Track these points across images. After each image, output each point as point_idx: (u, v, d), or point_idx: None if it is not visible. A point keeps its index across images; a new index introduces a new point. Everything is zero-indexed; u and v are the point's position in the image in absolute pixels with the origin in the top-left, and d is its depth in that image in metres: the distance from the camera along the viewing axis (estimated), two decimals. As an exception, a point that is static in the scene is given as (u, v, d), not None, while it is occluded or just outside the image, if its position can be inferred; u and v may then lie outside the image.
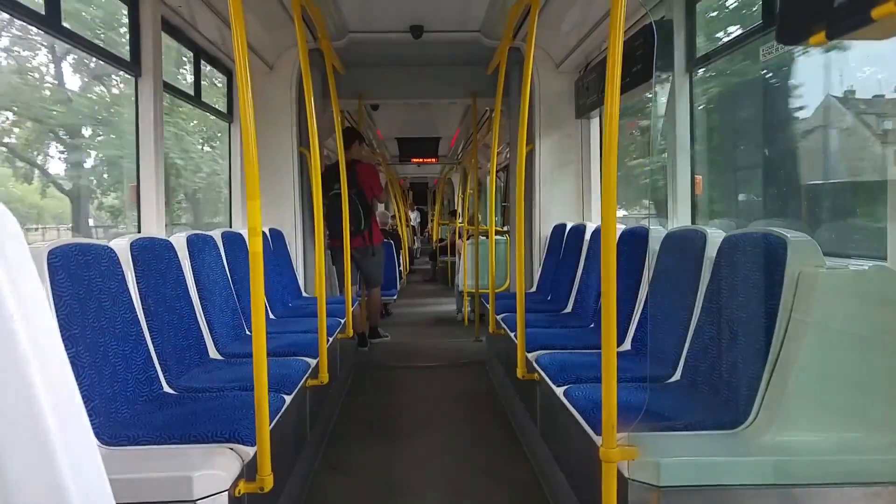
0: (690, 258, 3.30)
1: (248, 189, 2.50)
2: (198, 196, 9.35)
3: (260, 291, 2.52)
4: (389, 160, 14.62)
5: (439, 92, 7.46)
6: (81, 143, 7.31)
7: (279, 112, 6.30)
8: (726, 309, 2.87)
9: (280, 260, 6.02)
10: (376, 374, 6.24)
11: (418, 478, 3.77)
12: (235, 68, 2.47)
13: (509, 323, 4.78)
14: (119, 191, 7.45)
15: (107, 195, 7.89)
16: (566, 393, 3.05)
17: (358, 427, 4.67)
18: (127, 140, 4.24)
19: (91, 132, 7.47)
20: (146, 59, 4.10)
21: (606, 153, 2.24)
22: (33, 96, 6.47)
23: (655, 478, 2.21)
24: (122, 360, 2.85)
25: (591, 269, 5.08)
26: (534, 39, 3.85)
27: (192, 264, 3.96)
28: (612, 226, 2.23)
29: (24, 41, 5.97)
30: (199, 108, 5.53)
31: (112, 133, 7.21)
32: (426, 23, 5.98)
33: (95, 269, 2.79)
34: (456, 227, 12.88)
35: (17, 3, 3.00)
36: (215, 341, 3.99)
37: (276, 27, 5.63)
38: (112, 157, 7.44)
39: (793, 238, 2.55)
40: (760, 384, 2.50)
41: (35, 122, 6.59)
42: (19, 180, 6.86)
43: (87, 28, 4.61)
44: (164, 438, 2.47)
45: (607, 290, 2.20)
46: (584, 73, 6.24)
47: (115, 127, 6.83)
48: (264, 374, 2.50)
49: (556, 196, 6.52)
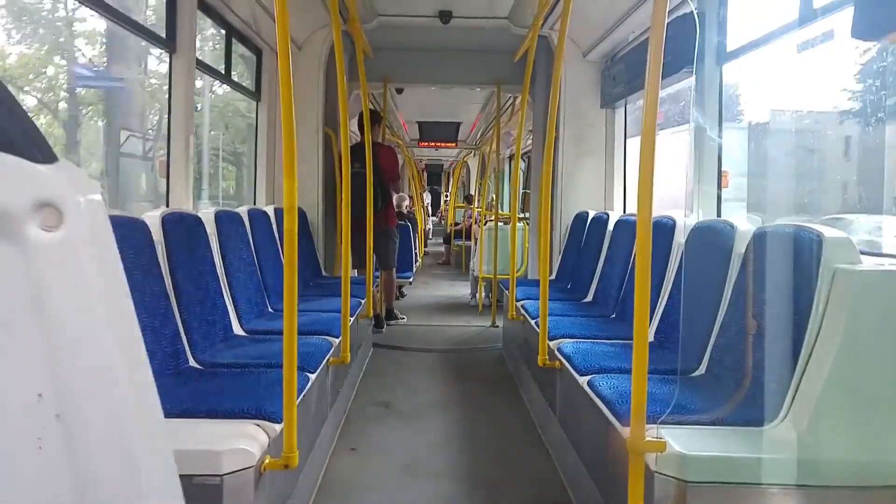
0: (718, 251, 3.28)
1: (286, 168, 2.51)
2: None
3: (293, 269, 2.52)
4: (408, 143, 14.61)
5: (464, 78, 7.46)
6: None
7: (306, 92, 6.30)
8: (755, 304, 2.86)
9: (302, 239, 6.03)
10: (392, 355, 6.27)
11: (434, 461, 3.79)
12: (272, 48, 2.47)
13: (530, 310, 4.78)
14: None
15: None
16: (590, 383, 3.04)
17: (375, 408, 4.69)
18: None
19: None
20: (182, 36, 4.11)
21: (645, 142, 2.22)
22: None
23: (682, 472, 2.20)
24: (151, 333, 2.87)
25: (614, 258, 5.07)
26: (566, 28, 3.83)
27: (219, 240, 3.98)
28: (648, 217, 2.21)
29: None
30: (229, 85, 5.54)
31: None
32: (455, 8, 5.97)
33: (129, 242, 2.81)
34: (473, 211, 12.86)
35: None
36: (239, 317, 4.01)
37: (306, 7, 5.63)
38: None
39: (828, 234, 2.52)
40: (791, 382, 2.47)
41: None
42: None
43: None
44: (191, 412, 2.49)
45: (641, 280, 2.19)
46: (610, 63, 6.21)
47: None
48: (294, 352, 2.51)
49: (578, 184, 6.52)
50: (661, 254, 4.03)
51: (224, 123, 9.62)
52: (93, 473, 0.82)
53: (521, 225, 8.20)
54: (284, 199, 2.53)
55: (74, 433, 0.81)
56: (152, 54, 7.92)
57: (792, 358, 2.50)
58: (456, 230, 14.75)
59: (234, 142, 10.65)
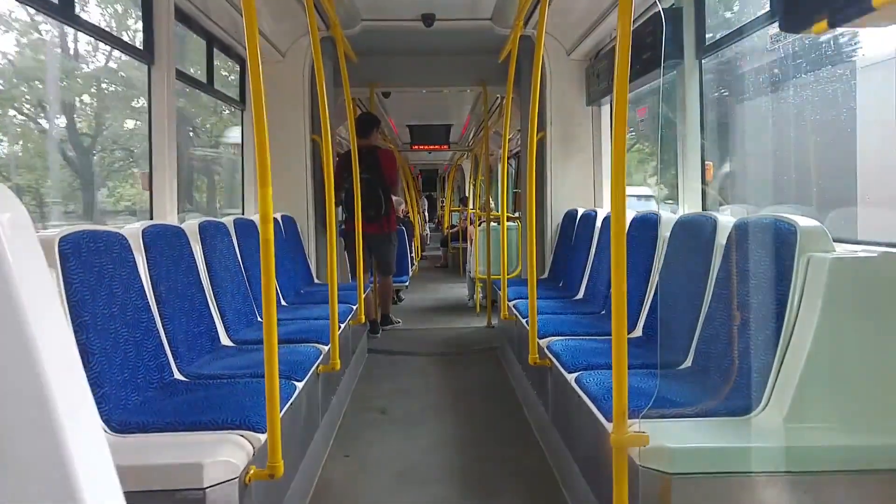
0: (701, 244, 3.29)
1: (260, 176, 2.50)
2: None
3: (271, 279, 2.52)
4: (401, 147, 14.62)
5: (451, 80, 7.47)
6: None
7: (291, 100, 6.31)
8: (737, 295, 2.86)
9: (292, 247, 6.03)
10: (388, 360, 6.26)
11: (430, 466, 3.78)
12: (248, 56, 2.46)
13: (521, 309, 4.78)
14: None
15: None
16: (578, 379, 3.05)
17: (369, 414, 4.68)
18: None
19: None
20: (159, 47, 4.10)
21: (616, 140, 2.23)
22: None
23: (667, 464, 2.20)
24: (133, 347, 2.86)
25: (603, 255, 5.07)
26: (544, 27, 3.83)
27: (203, 251, 3.97)
28: (622, 212, 2.21)
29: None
30: (212, 95, 5.53)
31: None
32: (438, 11, 5.97)
33: (107, 255, 2.80)
34: (468, 213, 12.87)
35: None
36: (227, 328, 4.00)
37: (288, 15, 5.63)
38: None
39: (802, 224, 2.53)
40: (771, 371, 2.49)
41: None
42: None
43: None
44: (174, 426, 2.47)
45: (617, 277, 2.19)
46: (594, 61, 6.22)
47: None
48: (275, 361, 2.50)
49: (567, 182, 6.52)
50: (646, 248, 4.03)
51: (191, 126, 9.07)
52: (28, 493, 0.81)
53: (515, 224, 8.20)
54: (259, 208, 2.53)
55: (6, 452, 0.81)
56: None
57: (772, 346, 2.51)
58: (452, 233, 14.75)
59: (204, 145, 9.98)
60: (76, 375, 0.88)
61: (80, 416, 0.87)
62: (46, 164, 6.21)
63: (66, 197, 6.49)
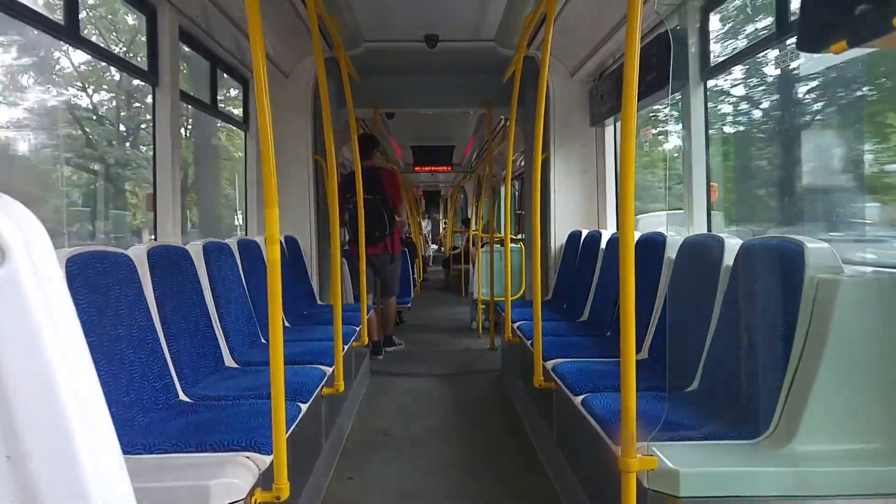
0: (707, 266, 3.27)
1: (266, 197, 2.50)
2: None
3: (277, 300, 2.51)
4: (403, 168, 14.66)
5: (454, 101, 7.49)
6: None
7: (295, 120, 6.33)
8: (744, 317, 2.84)
9: (295, 267, 6.03)
10: (391, 382, 6.23)
11: (433, 488, 3.75)
12: (252, 77, 2.47)
13: (525, 331, 4.76)
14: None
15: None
16: (584, 402, 3.02)
17: (373, 436, 4.66)
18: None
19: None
20: (163, 68, 4.13)
21: (624, 161, 2.22)
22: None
23: (675, 488, 2.18)
24: (139, 368, 2.85)
25: (607, 276, 5.06)
26: (549, 48, 3.85)
27: (208, 272, 3.97)
28: (630, 234, 2.21)
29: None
30: (216, 116, 5.55)
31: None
32: (441, 32, 6.00)
33: (113, 276, 2.80)
34: (470, 235, 12.87)
35: (37, 14, 3.03)
36: (231, 349, 3.99)
37: (292, 36, 5.66)
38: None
39: (810, 244, 2.52)
40: (780, 394, 2.46)
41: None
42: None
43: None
44: (179, 447, 2.46)
45: (625, 299, 2.18)
46: (598, 82, 6.24)
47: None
48: (281, 383, 2.49)
49: (571, 204, 6.52)
50: (652, 270, 4.01)
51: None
52: None
53: (518, 246, 8.21)
54: (266, 229, 2.53)
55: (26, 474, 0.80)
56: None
57: (781, 368, 2.49)
58: (455, 254, 14.74)
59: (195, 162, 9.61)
60: (95, 397, 0.87)
61: (99, 437, 0.86)
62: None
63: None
